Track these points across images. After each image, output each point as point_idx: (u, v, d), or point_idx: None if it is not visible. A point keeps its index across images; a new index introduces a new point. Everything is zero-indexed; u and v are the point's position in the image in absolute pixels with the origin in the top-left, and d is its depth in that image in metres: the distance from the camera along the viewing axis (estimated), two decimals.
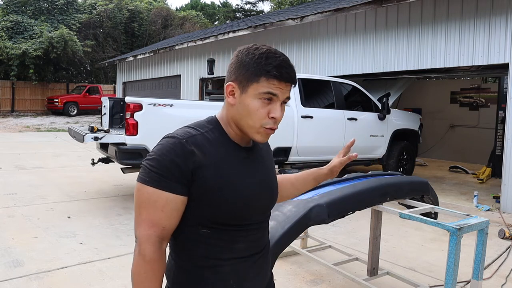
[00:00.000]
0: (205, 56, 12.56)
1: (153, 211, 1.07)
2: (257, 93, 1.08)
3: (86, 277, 3.24)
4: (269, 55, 1.08)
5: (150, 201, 1.07)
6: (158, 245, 1.07)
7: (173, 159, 1.05)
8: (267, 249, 1.26)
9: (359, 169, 8.02)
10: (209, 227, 1.11)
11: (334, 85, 6.82)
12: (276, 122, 1.11)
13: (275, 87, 1.08)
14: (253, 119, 1.09)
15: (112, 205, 5.45)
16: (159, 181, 1.05)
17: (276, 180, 1.30)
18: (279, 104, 1.10)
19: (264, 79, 1.07)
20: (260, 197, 1.18)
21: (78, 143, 8.65)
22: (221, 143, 1.13)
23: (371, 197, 2.70)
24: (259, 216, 1.19)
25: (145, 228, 1.07)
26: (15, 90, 22.04)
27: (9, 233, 4.20)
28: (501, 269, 3.69)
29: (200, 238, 1.12)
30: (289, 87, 1.11)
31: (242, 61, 1.11)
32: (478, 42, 6.36)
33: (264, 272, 1.25)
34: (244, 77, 1.10)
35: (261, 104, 1.09)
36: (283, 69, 1.08)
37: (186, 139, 1.08)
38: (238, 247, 1.14)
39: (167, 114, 5.10)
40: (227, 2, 37.96)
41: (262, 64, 1.07)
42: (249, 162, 1.18)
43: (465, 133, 11.02)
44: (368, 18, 8.03)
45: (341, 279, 3.32)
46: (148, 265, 1.06)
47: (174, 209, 1.07)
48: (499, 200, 6.03)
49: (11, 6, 24.15)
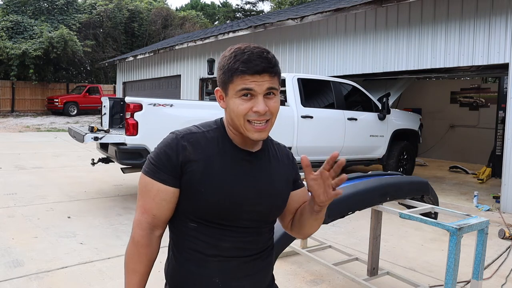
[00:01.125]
0: (205, 56, 12.57)
1: (147, 199, 1.15)
2: (235, 92, 1.11)
3: (86, 277, 3.24)
4: (237, 53, 1.10)
5: (146, 190, 1.15)
6: (148, 231, 1.15)
7: (167, 152, 1.13)
8: (265, 253, 1.24)
9: (359, 169, 8.02)
10: (195, 221, 1.15)
11: (334, 85, 6.82)
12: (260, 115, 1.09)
13: (249, 82, 1.09)
14: (237, 117, 1.11)
15: (112, 205, 5.45)
16: (154, 172, 1.13)
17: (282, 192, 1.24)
18: (261, 98, 1.10)
19: (236, 78, 1.10)
20: (253, 201, 1.16)
21: (78, 143, 8.65)
22: (219, 142, 1.17)
23: (371, 197, 2.70)
24: (250, 221, 1.18)
25: (139, 214, 1.16)
26: (15, 90, 22.04)
27: (9, 233, 4.20)
28: (501, 269, 3.69)
29: (189, 232, 1.16)
30: (266, 77, 1.09)
31: (219, 65, 1.15)
32: (478, 42, 6.35)
33: (259, 275, 1.23)
34: (222, 81, 1.14)
35: (241, 101, 1.10)
36: (251, 62, 1.08)
37: (182, 135, 1.15)
38: (223, 246, 1.15)
39: (167, 114, 5.09)
40: (227, 2, 37.96)
41: (231, 64, 1.10)
42: (248, 165, 1.18)
43: (465, 133, 11.02)
44: (368, 18, 8.03)
45: (341, 279, 3.32)
46: (135, 248, 1.15)
47: (163, 199, 1.13)
48: (499, 200, 6.03)
49: (11, 6, 24.14)
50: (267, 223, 1.24)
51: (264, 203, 1.19)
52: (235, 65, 1.09)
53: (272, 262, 1.30)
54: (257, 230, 1.20)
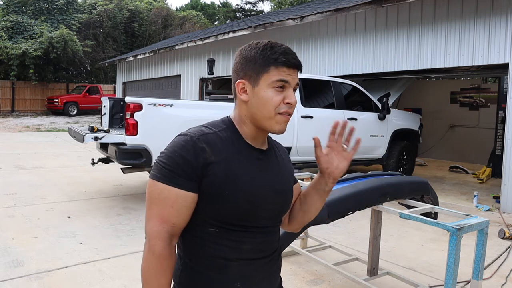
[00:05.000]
0: (205, 56, 12.56)
1: (163, 207, 1.07)
2: (270, 83, 1.10)
3: (86, 277, 3.24)
4: (273, 45, 1.12)
5: (161, 197, 1.07)
6: (168, 241, 1.07)
7: (184, 156, 1.06)
8: (277, 254, 1.24)
9: (359, 169, 8.02)
10: (217, 226, 1.11)
11: (334, 85, 6.82)
12: (292, 107, 1.13)
13: (285, 74, 1.10)
14: (268, 109, 1.10)
15: (112, 205, 5.45)
16: (170, 177, 1.06)
17: (291, 188, 1.26)
18: (291, 90, 1.12)
19: (273, 68, 1.09)
20: (270, 200, 1.16)
21: (78, 143, 8.65)
22: (233, 142, 1.14)
23: (371, 197, 2.70)
24: (268, 220, 1.17)
25: (155, 224, 1.07)
26: (15, 90, 22.04)
27: (9, 233, 4.20)
28: (501, 269, 3.69)
29: (208, 237, 1.11)
30: (296, 73, 1.13)
31: (247, 57, 1.13)
32: (478, 42, 6.35)
33: (274, 277, 1.23)
34: (253, 71, 1.11)
35: (275, 93, 1.10)
36: (289, 55, 1.10)
37: (198, 136, 1.09)
38: (245, 248, 1.13)
39: (167, 114, 5.09)
40: (227, 2, 37.95)
41: (268, 54, 1.10)
42: (262, 164, 1.17)
43: (465, 133, 11.02)
44: (368, 18, 8.03)
45: (341, 279, 3.32)
46: (157, 261, 1.06)
47: (183, 205, 1.07)
48: (499, 200, 6.02)
49: (11, 6, 24.15)
50: (279, 221, 1.25)
51: (280, 200, 1.19)
52: (274, 55, 1.09)
53: (281, 263, 1.30)
54: (272, 229, 1.20)
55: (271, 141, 1.28)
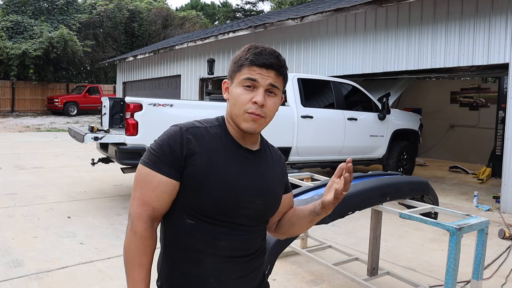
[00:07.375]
0: (205, 56, 12.56)
1: (146, 191, 1.12)
2: (239, 81, 1.14)
3: (86, 277, 3.24)
4: (251, 47, 1.16)
5: (145, 181, 1.13)
6: (150, 223, 1.12)
7: (171, 145, 1.12)
8: (260, 253, 1.25)
9: (359, 169, 8.02)
10: (195, 217, 1.14)
11: (334, 85, 6.82)
12: (259, 108, 1.12)
13: (255, 73, 1.13)
14: (237, 106, 1.14)
15: (112, 205, 5.45)
16: (155, 163, 1.12)
17: (276, 191, 1.27)
18: (262, 90, 1.13)
19: (244, 67, 1.14)
20: (252, 199, 1.17)
21: (78, 143, 8.65)
22: (221, 138, 1.18)
23: (371, 197, 2.69)
24: (250, 219, 1.19)
25: (137, 206, 1.13)
26: (15, 90, 22.04)
27: (9, 233, 4.20)
28: (501, 269, 3.69)
29: (185, 229, 1.15)
30: (271, 73, 1.14)
31: (233, 58, 1.18)
32: (478, 42, 6.35)
33: (254, 274, 1.24)
34: (232, 71, 1.17)
35: (244, 91, 1.13)
36: (261, 55, 1.13)
37: (187, 128, 1.16)
38: (221, 244, 1.15)
39: (167, 114, 5.09)
40: (227, 2, 37.95)
41: (243, 55, 1.15)
42: (247, 162, 1.19)
43: (465, 133, 11.02)
44: (368, 18, 8.03)
45: (341, 279, 3.32)
46: (139, 241, 1.11)
47: (164, 191, 1.12)
48: (499, 200, 6.03)
49: (11, 6, 24.14)
50: (262, 222, 1.25)
51: (262, 201, 1.20)
52: (247, 55, 1.14)
53: (264, 261, 1.31)
54: (252, 229, 1.21)
55: (265, 144, 1.30)
